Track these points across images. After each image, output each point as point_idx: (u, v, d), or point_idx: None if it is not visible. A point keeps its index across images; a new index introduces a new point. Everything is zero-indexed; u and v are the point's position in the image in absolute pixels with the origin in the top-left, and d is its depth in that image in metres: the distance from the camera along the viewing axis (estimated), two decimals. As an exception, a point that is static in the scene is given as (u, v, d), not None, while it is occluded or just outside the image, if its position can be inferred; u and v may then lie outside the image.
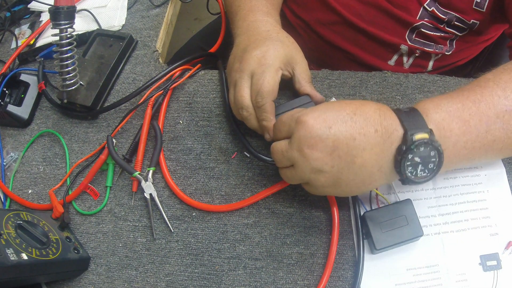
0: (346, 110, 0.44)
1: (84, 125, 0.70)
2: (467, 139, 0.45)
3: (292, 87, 0.62)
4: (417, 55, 0.72)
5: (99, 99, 0.70)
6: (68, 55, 0.64)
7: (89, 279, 0.60)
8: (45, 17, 0.84)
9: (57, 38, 0.63)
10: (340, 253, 0.55)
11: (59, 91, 0.69)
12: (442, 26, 0.67)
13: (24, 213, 0.58)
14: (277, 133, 0.50)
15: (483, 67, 0.82)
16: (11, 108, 0.71)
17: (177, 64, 0.68)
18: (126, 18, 0.80)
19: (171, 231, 0.60)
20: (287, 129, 0.47)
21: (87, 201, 0.65)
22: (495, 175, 0.56)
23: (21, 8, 0.87)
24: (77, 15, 0.65)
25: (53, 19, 0.62)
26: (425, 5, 0.65)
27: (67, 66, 0.65)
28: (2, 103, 0.71)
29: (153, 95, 0.66)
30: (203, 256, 0.58)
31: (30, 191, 0.67)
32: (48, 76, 0.75)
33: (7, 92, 0.73)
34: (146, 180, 0.62)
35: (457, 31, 0.68)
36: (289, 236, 0.57)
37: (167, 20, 0.80)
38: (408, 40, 0.70)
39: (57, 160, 0.69)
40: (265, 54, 0.55)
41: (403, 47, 0.70)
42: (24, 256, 0.51)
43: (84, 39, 0.76)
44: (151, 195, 0.61)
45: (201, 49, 0.94)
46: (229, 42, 0.65)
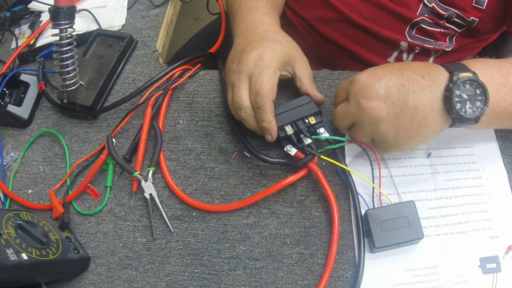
0: (393, 66, 0.49)
1: (84, 125, 0.70)
2: (507, 91, 0.48)
3: (292, 86, 0.62)
4: (417, 51, 0.72)
5: (99, 99, 0.70)
6: (68, 55, 0.64)
7: (89, 279, 0.60)
8: (45, 17, 0.84)
9: (57, 38, 0.63)
10: (340, 253, 0.55)
11: (59, 91, 0.69)
12: (441, 22, 0.67)
13: (24, 213, 0.58)
14: (337, 99, 0.54)
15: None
16: (11, 108, 0.71)
17: (177, 64, 0.68)
18: (126, 18, 0.80)
19: (171, 231, 0.60)
20: (344, 92, 0.51)
21: (87, 201, 0.65)
22: (497, 178, 0.56)
23: (21, 8, 0.87)
24: (77, 15, 0.65)
25: (53, 19, 0.62)
26: (425, 1, 0.65)
27: (67, 66, 0.65)
28: (2, 103, 0.71)
29: (153, 95, 0.66)
30: (203, 256, 0.58)
31: (30, 191, 0.67)
32: (48, 76, 0.75)
33: (7, 92, 0.73)
34: (146, 180, 0.62)
35: (456, 27, 0.68)
36: (289, 236, 0.57)
37: (167, 20, 0.80)
38: (408, 36, 0.70)
39: (57, 160, 0.69)
40: (262, 55, 0.56)
41: (403, 43, 0.70)
42: (24, 256, 0.51)
43: (84, 39, 0.76)
44: (151, 195, 0.61)
45: (201, 49, 0.94)
46: (229, 42, 0.65)
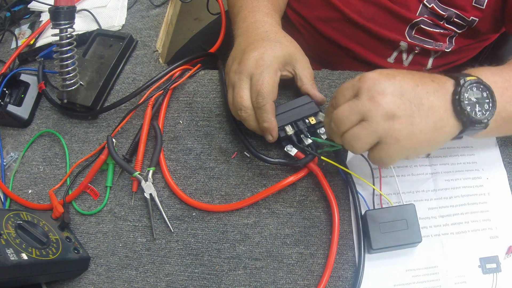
0: (401, 70, 0.48)
1: (84, 125, 0.70)
2: (511, 94, 0.48)
3: (293, 86, 0.62)
4: (416, 52, 0.72)
5: (99, 99, 0.70)
6: (68, 55, 0.64)
7: (89, 279, 0.60)
8: (45, 17, 0.84)
9: (57, 38, 0.63)
10: (340, 253, 0.55)
11: (59, 91, 0.69)
12: (441, 23, 0.67)
13: (24, 213, 0.58)
14: (340, 98, 0.48)
15: (483, 66, 0.82)
16: (11, 108, 0.71)
17: (177, 64, 0.68)
18: (126, 18, 0.80)
19: (171, 231, 0.60)
20: (350, 91, 0.47)
21: (87, 201, 0.65)
22: (497, 178, 0.56)
23: (21, 8, 0.87)
24: (77, 15, 0.65)
25: (53, 19, 0.62)
26: (424, 1, 0.65)
27: (67, 66, 0.65)
28: (2, 103, 0.71)
29: (153, 95, 0.66)
30: (203, 256, 0.58)
31: (30, 191, 0.67)
32: (48, 76, 0.75)
33: (7, 92, 0.73)
34: (146, 180, 0.62)
35: (456, 28, 0.68)
36: (289, 236, 0.57)
37: (167, 20, 0.80)
38: (407, 36, 0.70)
39: (57, 160, 0.69)
40: (263, 55, 0.56)
41: (403, 43, 0.70)
42: (24, 256, 0.51)
43: (84, 39, 0.76)
44: (151, 195, 0.61)
45: (201, 49, 0.94)
46: (229, 42, 0.65)
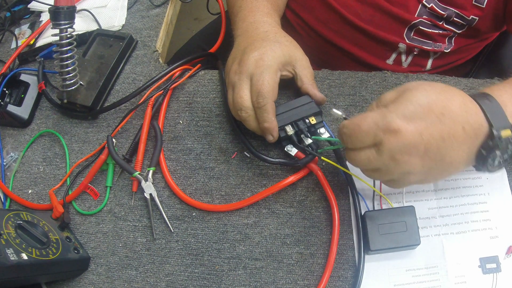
0: (434, 111, 0.42)
1: (84, 125, 0.70)
2: None
3: (293, 86, 0.62)
4: (415, 53, 0.72)
5: (99, 99, 0.70)
6: (68, 55, 0.64)
7: (89, 279, 0.60)
8: (45, 17, 0.84)
9: (57, 38, 0.63)
10: (340, 253, 0.55)
11: (59, 91, 0.69)
12: (440, 23, 0.67)
13: (24, 213, 0.58)
14: (356, 142, 0.44)
15: (483, 66, 0.82)
16: (11, 108, 0.71)
17: (177, 64, 0.68)
18: (126, 18, 0.80)
19: (171, 231, 0.60)
20: (371, 139, 0.43)
21: (87, 201, 0.65)
22: (496, 178, 0.56)
23: (21, 8, 0.87)
24: (77, 15, 0.65)
25: (53, 19, 0.62)
26: (424, 1, 0.65)
27: (67, 66, 0.65)
28: (2, 103, 0.71)
29: (153, 95, 0.66)
30: (203, 256, 0.58)
31: (30, 191, 0.67)
32: (48, 76, 0.75)
33: (7, 92, 0.73)
34: (146, 180, 0.62)
35: (455, 28, 0.68)
36: (289, 236, 0.57)
37: (167, 20, 0.80)
38: (406, 38, 0.69)
39: (57, 160, 0.69)
40: (262, 55, 0.56)
41: (401, 45, 0.70)
42: (24, 256, 0.51)
43: (84, 39, 0.76)
44: (151, 195, 0.61)
45: (201, 49, 0.94)
46: (229, 42, 0.65)
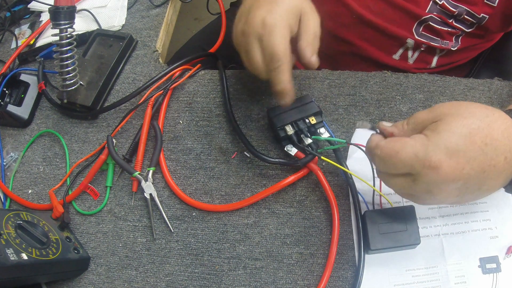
0: (477, 141, 0.40)
1: (84, 125, 0.70)
2: None
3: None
4: (422, 49, 0.72)
5: (99, 99, 0.70)
6: (68, 55, 0.64)
7: (89, 279, 0.60)
8: (45, 17, 0.84)
9: (57, 38, 0.63)
10: (340, 253, 0.55)
11: (59, 91, 0.69)
12: (450, 21, 0.67)
13: (24, 213, 0.58)
14: (390, 168, 0.43)
15: (483, 66, 0.82)
16: (11, 108, 0.71)
17: (177, 64, 0.68)
18: (126, 18, 0.80)
19: (171, 231, 0.60)
20: (408, 169, 0.41)
21: (87, 201, 0.65)
22: None
23: (21, 8, 0.87)
24: (77, 15, 0.65)
25: (53, 19, 0.62)
26: None
27: (67, 66, 0.65)
28: (2, 103, 0.71)
29: (153, 95, 0.66)
30: (203, 256, 0.58)
31: (30, 191, 0.67)
32: (48, 76, 0.75)
33: (7, 92, 0.73)
34: (146, 180, 0.62)
35: (464, 27, 0.68)
36: (289, 236, 0.57)
37: (167, 20, 0.80)
38: (415, 33, 0.69)
39: (57, 160, 0.69)
40: (269, 12, 0.50)
41: (409, 41, 0.70)
42: (24, 256, 0.51)
43: (84, 39, 0.76)
44: (151, 195, 0.61)
45: (201, 49, 0.94)
46: (229, 42, 0.65)
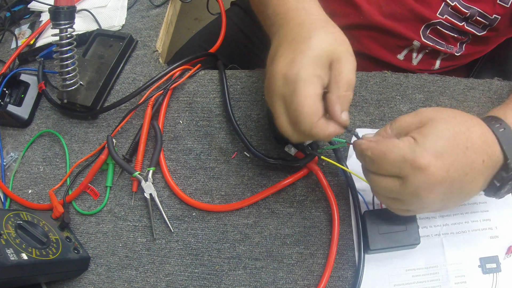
0: (459, 144, 0.41)
1: (84, 125, 0.70)
2: None
3: None
4: (427, 51, 0.72)
5: (99, 99, 0.70)
6: (68, 55, 0.64)
7: (89, 279, 0.60)
8: (45, 17, 0.84)
9: (57, 38, 0.63)
10: (340, 253, 0.55)
11: (59, 91, 0.69)
12: (461, 24, 0.67)
13: (24, 213, 0.58)
14: (380, 169, 0.42)
15: (484, 66, 0.82)
16: (11, 108, 0.71)
17: (177, 64, 0.67)
18: (126, 18, 0.80)
19: (171, 231, 0.60)
20: (396, 171, 0.41)
21: (87, 201, 0.65)
22: None
23: (21, 8, 0.87)
24: (77, 15, 0.65)
25: (53, 19, 0.62)
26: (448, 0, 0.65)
27: (67, 66, 0.65)
28: (2, 103, 0.71)
29: (153, 95, 0.66)
30: (203, 256, 0.58)
31: (30, 191, 0.67)
32: (48, 76, 0.75)
33: (7, 92, 0.73)
34: (146, 180, 0.62)
35: (477, 30, 0.68)
36: (289, 236, 0.57)
37: (167, 20, 0.80)
38: (422, 36, 0.69)
39: (57, 160, 0.69)
40: (293, 61, 0.42)
41: (416, 43, 0.70)
42: (24, 256, 0.51)
43: (84, 39, 0.76)
44: (151, 195, 0.61)
45: (201, 49, 0.94)
46: (229, 42, 0.65)
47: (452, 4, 0.65)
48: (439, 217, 0.55)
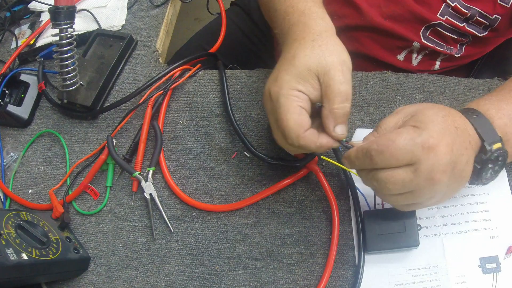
0: (450, 125, 0.42)
1: (84, 125, 0.70)
2: None
3: None
4: (426, 52, 0.72)
5: (99, 99, 0.70)
6: (68, 55, 0.64)
7: (89, 279, 0.60)
8: (45, 17, 0.84)
9: (57, 38, 0.63)
10: (340, 253, 0.55)
11: (59, 91, 0.69)
12: (462, 25, 0.67)
13: (24, 213, 0.58)
14: (390, 160, 0.40)
15: (484, 66, 0.82)
16: (11, 108, 0.71)
17: (177, 64, 0.67)
18: (126, 18, 0.80)
19: (171, 231, 0.60)
20: (409, 157, 0.40)
21: (87, 201, 0.65)
22: (496, 178, 0.56)
23: (21, 8, 0.87)
24: (77, 15, 0.65)
25: (53, 19, 0.62)
26: (447, 0, 0.65)
27: (67, 66, 0.65)
28: (2, 103, 0.71)
29: (153, 95, 0.66)
30: (203, 256, 0.58)
31: (30, 191, 0.67)
32: (48, 76, 0.75)
33: (7, 92, 0.73)
34: (146, 180, 0.62)
35: (477, 31, 0.68)
36: (289, 236, 0.57)
37: (167, 20, 0.80)
38: (422, 37, 0.69)
39: (57, 160, 0.69)
40: (276, 79, 0.45)
41: (416, 44, 0.70)
42: (24, 256, 0.51)
43: (84, 39, 0.76)
44: (151, 195, 0.61)
45: (202, 49, 0.94)
46: (229, 42, 0.65)
47: (453, 5, 0.65)
48: (439, 217, 0.55)
